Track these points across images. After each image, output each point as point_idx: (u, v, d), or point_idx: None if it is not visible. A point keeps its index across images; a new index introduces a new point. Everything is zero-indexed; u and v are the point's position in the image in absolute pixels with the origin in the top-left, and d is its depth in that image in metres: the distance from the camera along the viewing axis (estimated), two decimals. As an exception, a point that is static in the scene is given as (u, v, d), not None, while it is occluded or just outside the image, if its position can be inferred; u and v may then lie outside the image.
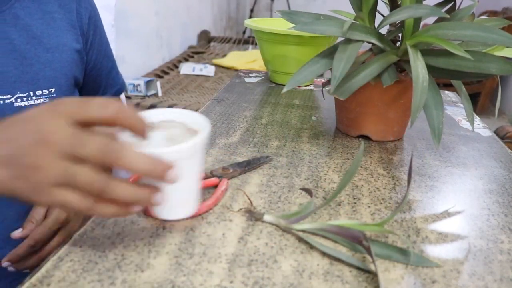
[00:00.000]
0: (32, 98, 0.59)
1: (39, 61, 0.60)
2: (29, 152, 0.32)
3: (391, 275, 0.39)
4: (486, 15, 3.36)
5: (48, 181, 0.33)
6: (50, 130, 0.32)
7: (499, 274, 0.41)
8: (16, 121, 0.34)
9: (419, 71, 0.53)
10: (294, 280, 0.38)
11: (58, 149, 0.32)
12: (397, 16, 0.56)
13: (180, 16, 2.95)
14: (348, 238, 0.42)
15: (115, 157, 0.32)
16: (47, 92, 0.61)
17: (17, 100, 0.58)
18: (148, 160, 0.33)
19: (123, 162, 0.32)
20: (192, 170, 0.40)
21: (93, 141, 0.32)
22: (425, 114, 0.56)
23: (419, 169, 0.62)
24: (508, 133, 1.52)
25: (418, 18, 0.58)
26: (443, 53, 0.56)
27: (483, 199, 0.54)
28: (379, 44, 0.60)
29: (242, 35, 4.03)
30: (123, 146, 0.33)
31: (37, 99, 0.60)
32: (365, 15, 0.62)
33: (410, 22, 0.58)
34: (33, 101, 0.59)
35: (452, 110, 0.91)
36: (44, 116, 0.33)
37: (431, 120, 0.56)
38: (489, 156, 0.68)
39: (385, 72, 0.60)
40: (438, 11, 0.54)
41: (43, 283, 0.36)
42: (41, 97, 0.61)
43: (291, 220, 0.45)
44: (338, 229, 0.43)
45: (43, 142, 0.32)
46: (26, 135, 0.33)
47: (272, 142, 0.68)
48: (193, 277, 0.38)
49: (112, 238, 0.43)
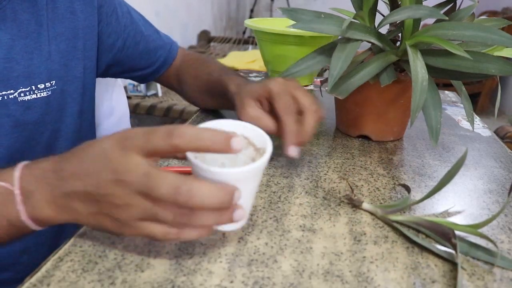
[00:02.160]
0: (35, 92, 0.59)
1: (40, 54, 0.59)
2: (107, 192, 0.35)
3: (391, 275, 0.39)
4: (486, 15, 3.36)
5: (132, 217, 0.35)
6: (125, 169, 0.34)
7: (499, 274, 0.41)
8: (87, 155, 0.36)
9: (418, 71, 0.53)
10: (294, 280, 0.38)
11: (135, 188, 0.34)
12: (396, 16, 0.56)
13: (180, 16, 2.95)
14: (439, 234, 0.45)
15: (187, 197, 0.33)
16: (48, 85, 0.61)
17: (21, 95, 0.58)
18: (218, 194, 0.34)
19: (194, 202, 0.33)
20: (251, 188, 0.39)
21: (164, 182, 0.33)
22: (423, 114, 0.56)
23: (419, 169, 0.62)
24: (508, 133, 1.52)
25: (418, 18, 0.58)
26: (443, 53, 0.56)
27: (483, 199, 0.54)
28: (379, 44, 0.60)
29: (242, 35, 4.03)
30: (193, 185, 0.33)
31: (40, 93, 0.60)
32: (365, 14, 0.62)
33: (410, 22, 0.58)
34: (35, 94, 0.59)
35: (452, 110, 0.91)
36: (116, 152, 0.35)
37: (429, 119, 0.56)
38: (489, 156, 0.68)
39: (384, 72, 0.60)
40: (437, 13, 0.54)
41: (43, 283, 0.36)
42: (43, 90, 0.60)
43: (388, 211, 0.48)
44: (431, 224, 0.45)
45: (120, 182, 0.34)
46: (102, 173, 0.35)
47: (272, 142, 0.68)
48: (193, 277, 0.38)
49: (112, 238, 0.43)
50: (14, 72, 0.57)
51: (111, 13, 0.70)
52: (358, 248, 0.43)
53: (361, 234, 0.45)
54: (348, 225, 0.47)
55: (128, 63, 0.75)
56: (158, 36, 0.78)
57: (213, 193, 0.34)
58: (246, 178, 0.37)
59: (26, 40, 0.58)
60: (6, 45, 0.56)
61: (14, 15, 0.57)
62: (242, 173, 0.36)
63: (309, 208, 0.50)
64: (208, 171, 0.35)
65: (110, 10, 0.70)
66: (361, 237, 0.45)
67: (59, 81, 0.62)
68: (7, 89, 0.56)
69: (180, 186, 0.33)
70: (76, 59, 0.65)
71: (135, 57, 0.75)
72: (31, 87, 0.59)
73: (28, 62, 0.58)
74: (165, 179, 0.33)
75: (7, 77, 0.56)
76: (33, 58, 0.59)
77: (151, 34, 0.77)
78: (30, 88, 0.59)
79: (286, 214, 0.48)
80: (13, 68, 0.56)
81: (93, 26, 0.66)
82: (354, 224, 0.47)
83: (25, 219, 0.38)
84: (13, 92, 0.57)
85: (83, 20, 0.65)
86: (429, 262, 0.42)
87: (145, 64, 0.77)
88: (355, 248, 0.43)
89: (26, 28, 0.58)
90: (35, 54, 0.59)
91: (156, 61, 0.78)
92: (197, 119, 0.77)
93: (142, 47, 0.74)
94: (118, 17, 0.71)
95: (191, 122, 0.76)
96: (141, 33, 0.74)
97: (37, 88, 0.59)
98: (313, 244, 0.43)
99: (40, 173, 0.39)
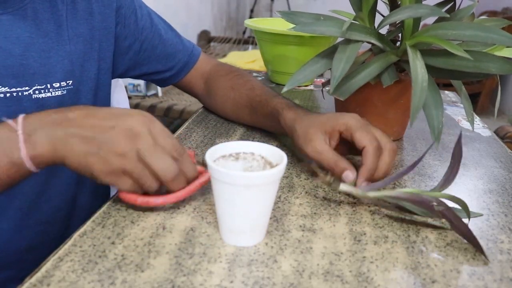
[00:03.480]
0: (49, 90, 0.60)
1: (57, 54, 0.60)
2: (119, 140, 0.42)
3: (391, 275, 0.39)
4: (486, 15, 3.36)
5: (123, 168, 0.43)
6: (139, 131, 0.43)
7: (499, 274, 0.41)
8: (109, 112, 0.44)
9: (418, 71, 0.53)
10: (294, 280, 0.38)
11: (142, 148, 0.42)
12: (396, 16, 0.56)
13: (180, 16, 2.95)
14: (420, 205, 0.46)
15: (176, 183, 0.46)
16: (64, 84, 0.61)
17: (35, 92, 0.59)
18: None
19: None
20: (267, 198, 0.42)
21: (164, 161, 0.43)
22: (425, 114, 0.56)
23: (419, 169, 0.62)
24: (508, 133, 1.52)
25: (418, 18, 0.58)
26: (443, 53, 0.56)
27: (483, 199, 0.54)
28: (379, 44, 0.60)
29: (242, 35, 4.02)
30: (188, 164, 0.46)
31: (55, 91, 0.60)
32: (365, 15, 0.62)
33: (410, 22, 0.58)
34: (50, 93, 0.60)
35: (452, 110, 0.91)
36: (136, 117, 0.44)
37: (431, 120, 0.56)
38: (489, 156, 0.68)
39: (385, 72, 0.60)
40: (438, 11, 0.54)
41: (43, 283, 0.36)
42: (58, 89, 0.61)
43: (366, 188, 0.49)
44: (411, 195, 0.46)
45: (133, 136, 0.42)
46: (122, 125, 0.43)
47: (272, 142, 0.68)
48: (193, 277, 0.38)
49: (112, 238, 0.43)
50: (30, 70, 0.58)
51: (129, 15, 0.69)
52: (358, 248, 0.43)
53: (361, 234, 0.45)
54: (348, 225, 0.47)
55: (145, 66, 0.74)
56: (178, 40, 0.77)
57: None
58: (263, 184, 0.40)
59: (44, 39, 0.59)
60: (24, 43, 0.57)
61: (35, 14, 0.58)
62: (259, 178, 0.39)
63: (309, 208, 0.50)
64: (227, 175, 0.39)
65: (129, 12, 0.69)
66: (361, 237, 0.45)
67: (75, 81, 0.63)
68: (22, 85, 0.57)
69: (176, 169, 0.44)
70: (92, 60, 0.65)
71: (152, 60, 0.74)
72: (47, 85, 0.60)
73: (45, 60, 0.59)
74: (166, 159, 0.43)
75: (22, 73, 0.57)
76: (50, 57, 0.59)
77: (171, 38, 0.76)
78: (45, 86, 0.59)
79: (286, 214, 0.48)
80: (30, 65, 0.57)
81: (110, 28, 0.67)
82: (354, 224, 0.47)
83: (24, 157, 0.42)
84: (28, 89, 0.58)
85: (100, 21, 0.65)
86: (429, 262, 0.42)
87: (163, 68, 0.75)
88: (355, 248, 0.43)
89: (46, 27, 0.59)
90: (53, 53, 0.60)
91: (175, 65, 0.76)
92: (197, 119, 0.77)
93: (160, 50, 0.74)
94: (137, 19, 0.70)
95: (192, 121, 0.76)
96: (159, 36, 0.73)
97: (52, 87, 0.60)
98: (313, 244, 0.43)
99: (45, 114, 0.44)
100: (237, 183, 0.39)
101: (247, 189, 0.39)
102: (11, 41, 0.56)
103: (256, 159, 0.45)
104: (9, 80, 0.56)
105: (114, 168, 0.43)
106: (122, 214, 0.47)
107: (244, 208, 0.41)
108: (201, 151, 0.64)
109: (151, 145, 0.43)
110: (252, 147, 0.45)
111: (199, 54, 0.79)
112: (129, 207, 0.48)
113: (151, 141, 0.43)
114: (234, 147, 0.45)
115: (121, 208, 0.48)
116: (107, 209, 0.48)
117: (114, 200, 0.49)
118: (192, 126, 0.74)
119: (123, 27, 0.69)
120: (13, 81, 0.56)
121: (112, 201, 0.49)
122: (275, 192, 0.42)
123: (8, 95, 0.56)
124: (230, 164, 0.44)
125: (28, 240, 0.64)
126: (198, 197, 0.51)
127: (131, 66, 0.73)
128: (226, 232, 0.43)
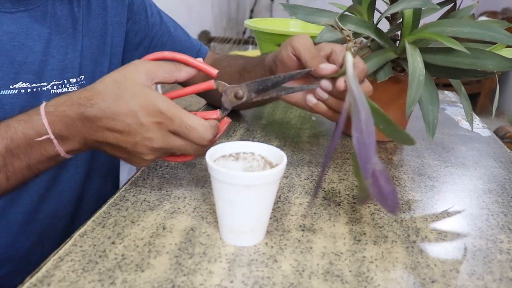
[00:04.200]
0: (66, 86, 0.61)
1: (74, 49, 0.61)
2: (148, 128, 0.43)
3: (391, 275, 0.40)
4: (486, 15, 3.36)
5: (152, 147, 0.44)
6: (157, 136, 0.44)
7: (499, 274, 0.41)
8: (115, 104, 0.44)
9: (415, 65, 0.53)
10: (294, 280, 0.38)
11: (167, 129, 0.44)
12: (393, 9, 0.56)
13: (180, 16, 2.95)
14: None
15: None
16: (78, 80, 0.63)
17: (53, 88, 0.60)
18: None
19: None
20: (267, 198, 0.42)
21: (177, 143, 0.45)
22: (420, 109, 0.56)
23: (418, 169, 0.62)
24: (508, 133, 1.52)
25: (417, 15, 0.58)
26: (441, 50, 0.56)
27: (482, 199, 0.54)
28: (378, 40, 0.60)
29: (242, 35, 4.03)
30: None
31: (71, 87, 0.62)
32: (363, 9, 0.62)
33: (409, 19, 0.58)
34: (66, 88, 0.61)
35: (451, 110, 0.91)
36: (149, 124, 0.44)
37: (426, 115, 0.56)
38: (488, 156, 0.68)
39: (381, 69, 0.60)
40: (429, 3, 0.55)
41: (43, 283, 0.36)
42: (74, 84, 0.62)
43: None
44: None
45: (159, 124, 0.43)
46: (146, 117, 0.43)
47: (272, 142, 0.68)
48: (193, 277, 0.38)
49: (112, 238, 0.43)
50: (49, 65, 0.59)
51: (140, 11, 0.71)
52: (358, 248, 0.43)
53: (361, 234, 0.45)
54: (348, 225, 0.47)
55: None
56: (187, 38, 0.78)
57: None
58: (263, 184, 0.40)
59: (63, 35, 0.60)
60: (45, 39, 0.58)
61: (54, 11, 0.60)
62: (259, 178, 0.39)
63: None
64: (227, 175, 0.39)
65: (140, 8, 0.71)
66: (361, 237, 0.45)
67: (89, 76, 0.64)
68: (41, 81, 0.59)
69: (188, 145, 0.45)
70: (105, 55, 0.66)
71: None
72: (63, 80, 0.61)
73: (63, 56, 0.60)
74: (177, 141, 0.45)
75: (42, 69, 0.58)
76: (67, 53, 0.61)
77: (180, 35, 0.77)
78: (62, 81, 0.61)
79: (286, 214, 0.48)
80: (49, 61, 0.59)
81: (122, 23, 0.68)
82: (354, 224, 0.47)
83: (63, 154, 0.47)
84: (46, 85, 0.59)
85: (114, 16, 0.67)
86: (429, 262, 0.42)
87: None
88: (355, 248, 0.43)
89: (64, 24, 0.61)
90: (70, 49, 0.61)
91: None
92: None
93: (169, 47, 0.74)
94: (147, 16, 0.72)
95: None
96: (169, 34, 0.75)
97: (69, 82, 0.62)
98: (313, 244, 0.43)
99: (69, 121, 0.45)
100: (237, 183, 0.39)
101: (247, 189, 0.39)
102: (32, 38, 0.57)
103: (256, 159, 0.45)
104: (29, 76, 0.57)
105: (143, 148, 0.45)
106: (122, 214, 0.47)
107: (244, 208, 0.41)
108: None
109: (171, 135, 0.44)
110: (252, 147, 0.45)
111: (206, 52, 0.80)
112: (129, 207, 0.48)
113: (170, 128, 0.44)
114: (234, 147, 0.45)
115: (121, 208, 0.48)
116: (108, 209, 0.48)
117: (114, 200, 0.50)
118: (192, 126, 0.74)
119: (133, 23, 0.70)
120: (33, 77, 0.58)
121: (112, 201, 0.49)
122: (275, 192, 0.42)
123: (29, 90, 0.58)
124: (230, 164, 0.44)
125: (36, 235, 0.65)
126: (198, 197, 0.51)
127: None
128: (226, 232, 0.43)
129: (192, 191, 0.52)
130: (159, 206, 0.49)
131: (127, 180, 0.55)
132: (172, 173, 0.57)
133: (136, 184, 0.54)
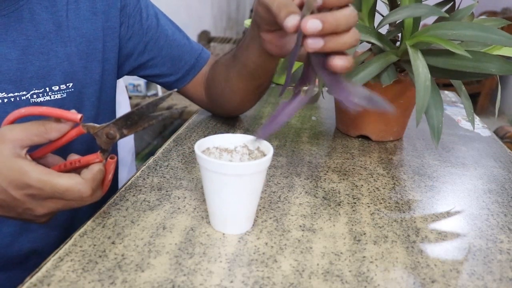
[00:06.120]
0: (48, 94, 0.58)
1: (56, 56, 0.58)
2: (24, 201, 0.43)
3: (391, 275, 0.40)
4: (486, 15, 3.36)
5: (37, 215, 0.45)
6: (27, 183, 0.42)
7: (499, 274, 0.41)
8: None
9: (420, 71, 0.53)
10: (294, 280, 0.38)
11: (42, 198, 0.43)
12: (396, 15, 0.56)
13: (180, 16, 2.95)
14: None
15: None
16: (64, 87, 0.60)
17: (33, 96, 0.57)
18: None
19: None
20: (254, 188, 0.43)
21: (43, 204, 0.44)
22: (425, 114, 0.56)
23: (418, 169, 0.62)
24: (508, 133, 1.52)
25: (418, 18, 0.58)
26: (443, 52, 0.56)
27: (482, 199, 0.54)
28: (379, 44, 0.60)
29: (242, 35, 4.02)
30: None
31: (54, 95, 0.59)
32: (364, 14, 0.62)
33: (410, 22, 0.58)
34: (49, 96, 0.59)
35: (452, 110, 0.91)
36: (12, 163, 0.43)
37: (431, 119, 0.56)
38: (488, 156, 0.68)
39: (385, 72, 0.60)
40: (437, 11, 0.55)
41: (43, 283, 0.36)
42: (57, 92, 0.59)
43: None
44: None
45: (32, 196, 0.43)
46: (12, 191, 0.43)
47: (272, 142, 0.68)
48: (193, 277, 0.38)
49: (112, 238, 0.43)
50: (28, 73, 0.56)
51: (134, 14, 0.67)
52: (358, 248, 0.43)
53: (361, 234, 0.45)
54: (348, 225, 0.47)
55: (150, 68, 0.71)
56: (186, 42, 0.74)
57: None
58: (250, 174, 0.41)
59: (42, 40, 0.57)
60: (21, 46, 0.55)
61: (31, 16, 0.56)
62: (246, 168, 0.41)
63: (309, 208, 0.50)
64: (215, 164, 0.40)
65: (134, 11, 0.67)
66: (361, 237, 0.45)
67: (78, 84, 0.61)
68: (20, 90, 0.56)
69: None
70: (96, 61, 0.63)
71: (158, 62, 0.71)
72: (45, 88, 0.58)
73: (43, 63, 0.57)
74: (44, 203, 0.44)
75: (20, 78, 0.55)
76: (49, 59, 0.58)
77: (178, 39, 0.72)
78: (43, 89, 0.58)
79: (286, 214, 0.48)
80: (27, 69, 0.56)
81: (114, 27, 0.65)
82: (354, 224, 0.47)
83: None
84: (26, 94, 0.56)
85: (105, 21, 0.63)
86: (429, 261, 0.42)
87: (169, 70, 0.72)
88: (355, 248, 0.43)
89: (44, 29, 0.57)
90: (51, 55, 0.58)
91: (182, 68, 0.73)
92: (197, 119, 0.77)
93: (165, 52, 0.71)
94: (142, 19, 0.68)
95: (192, 121, 0.76)
96: (165, 38, 0.71)
97: (51, 90, 0.59)
98: (313, 244, 0.43)
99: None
100: (224, 172, 0.41)
101: (235, 178, 0.41)
102: (6, 45, 0.54)
103: (242, 152, 0.47)
104: (6, 85, 0.55)
105: (43, 214, 0.45)
106: (122, 214, 0.47)
107: (232, 197, 0.42)
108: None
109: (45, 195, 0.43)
110: (236, 138, 0.47)
111: (207, 57, 0.75)
112: (129, 207, 0.48)
113: (43, 192, 0.43)
114: (220, 139, 0.47)
115: (121, 208, 0.48)
116: (107, 209, 0.48)
117: (114, 200, 0.50)
118: (192, 126, 0.74)
119: (126, 27, 0.67)
120: (10, 86, 0.55)
121: (112, 201, 0.49)
122: (262, 182, 0.44)
123: (5, 100, 0.55)
124: (217, 155, 0.47)
125: (31, 243, 0.64)
126: (198, 197, 0.51)
127: (135, 67, 0.71)
128: (214, 220, 0.45)
129: (192, 191, 0.52)
130: (159, 206, 0.49)
131: (127, 180, 0.55)
132: (172, 173, 0.57)
133: (136, 184, 0.54)
